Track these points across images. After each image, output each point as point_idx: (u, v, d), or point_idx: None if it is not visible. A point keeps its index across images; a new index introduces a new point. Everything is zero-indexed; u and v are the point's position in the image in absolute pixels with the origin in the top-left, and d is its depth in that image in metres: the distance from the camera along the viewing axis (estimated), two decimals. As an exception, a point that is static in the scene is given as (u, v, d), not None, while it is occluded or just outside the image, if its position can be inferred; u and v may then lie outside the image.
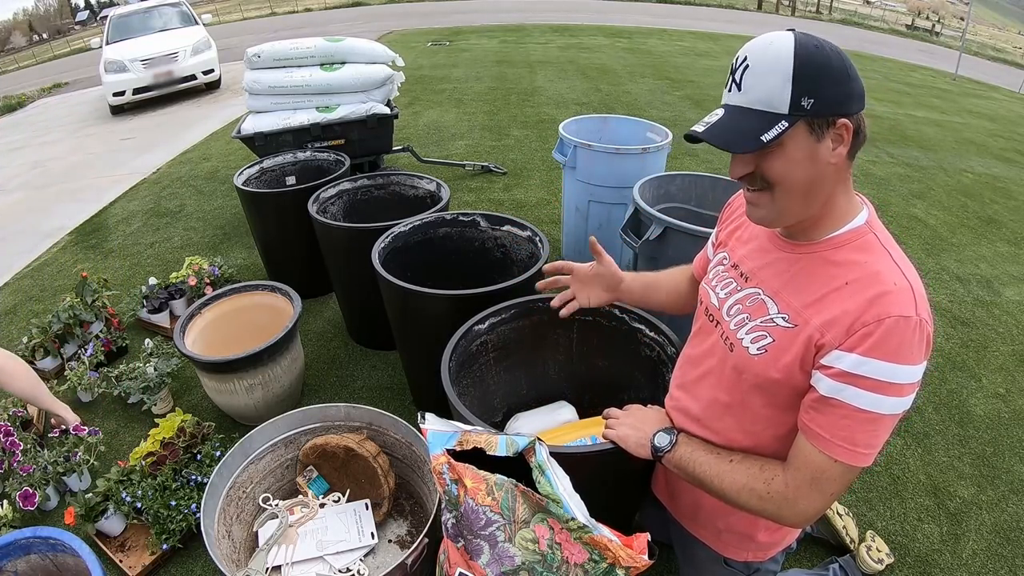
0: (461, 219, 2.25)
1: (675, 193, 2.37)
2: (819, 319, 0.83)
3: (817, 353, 0.83)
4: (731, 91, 0.82)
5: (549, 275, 1.39)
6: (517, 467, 1.01)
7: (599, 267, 1.32)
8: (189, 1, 9.19)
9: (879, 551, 1.70)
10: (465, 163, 4.61)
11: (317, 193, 2.58)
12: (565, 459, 1.05)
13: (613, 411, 1.17)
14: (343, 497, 1.72)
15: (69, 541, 1.31)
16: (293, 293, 2.26)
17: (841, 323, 0.80)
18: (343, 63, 3.68)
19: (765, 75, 0.78)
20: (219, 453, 1.88)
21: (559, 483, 0.98)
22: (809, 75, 0.75)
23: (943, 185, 4.83)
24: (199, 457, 1.92)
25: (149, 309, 2.78)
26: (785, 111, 0.77)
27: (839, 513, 1.78)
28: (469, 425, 1.12)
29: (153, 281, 2.94)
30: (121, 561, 1.71)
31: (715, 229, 1.15)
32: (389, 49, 3.87)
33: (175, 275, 2.95)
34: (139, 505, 1.74)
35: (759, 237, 0.98)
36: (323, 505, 1.70)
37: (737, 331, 0.95)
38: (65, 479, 1.95)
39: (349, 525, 1.64)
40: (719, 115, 0.82)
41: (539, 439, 1.03)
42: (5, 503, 1.83)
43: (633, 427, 1.10)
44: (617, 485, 1.28)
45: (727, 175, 1.01)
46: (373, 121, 3.63)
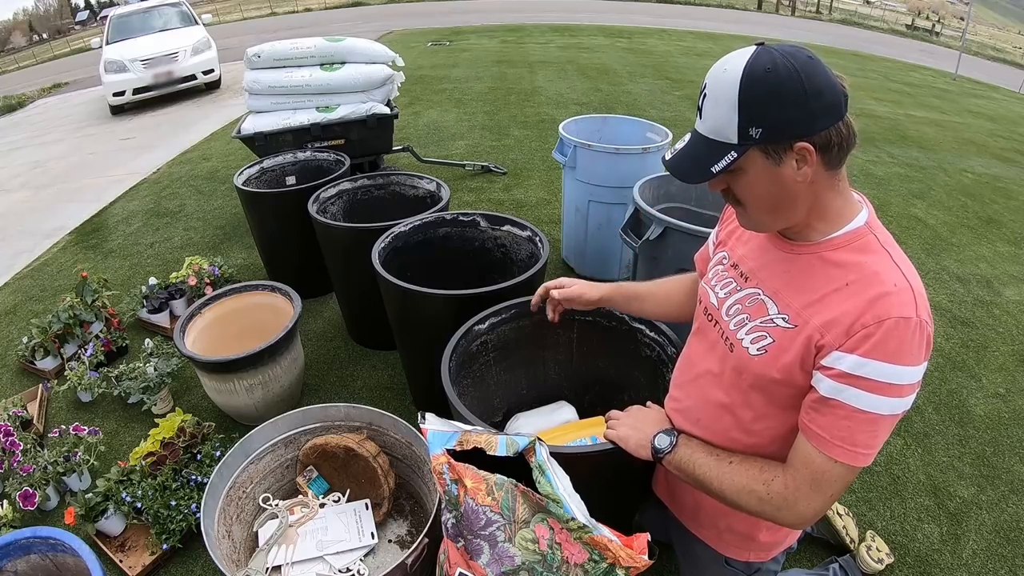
0: (461, 219, 2.26)
1: (675, 193, 2.37)
2: (819, 320, 0.83)
3: (817, 354, 0.83)
4: (697, 117, 0.84)
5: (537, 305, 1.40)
6: (517, 467, 1.01)
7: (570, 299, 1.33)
8: (189, 1, 9.19)
9: (879, 551, 1.70)
10: (465, 163, 4.61)
11: (317, 193, 2.58)
12: (565, 459, 1.05)
13: (614, 412, 1.17)
14: (343, 497, 1.72)
15: (69, 541, 1.31)
16: (293, 293, 2.26)
17: (841, 324, 0.80)
18: (343, 63, 3.68)
19: (717, 104, 0.78)
20: (219, 453, 1.88)
21: (559, 483, 0.98)
22: (757, 102, 0.74)
23: (943, 185, 4.83)
24: (199, 457, 1.92)
25: (149, 309, 2.79)
26: (734, 141, 0.77)
27: (839, 513, 1.78)
28: (469, 425, 1.12)
29: (153, 281, 2.94)
30: (121, 561, 1.71)
31: (716, 228, 1.15)
32: (389, 49, 3.87)
33: (175, 275, 2.95)
34: (139, 505, 1.74)
35: (758, 236, 0.98)
36: (323, 505, 1.70)
37: (737, 331, 0.95)
38: (65, 479, 1.95)
39: (349, 525, 1.64)
40: (686, 141, 0.85)
41: (539, 439, 1.03)
42: (5, 503, 1.84)
43: (634, 428, 1.10)
44: (617, 485, 1.28)
45: None
46: (373, 121, 3.63)
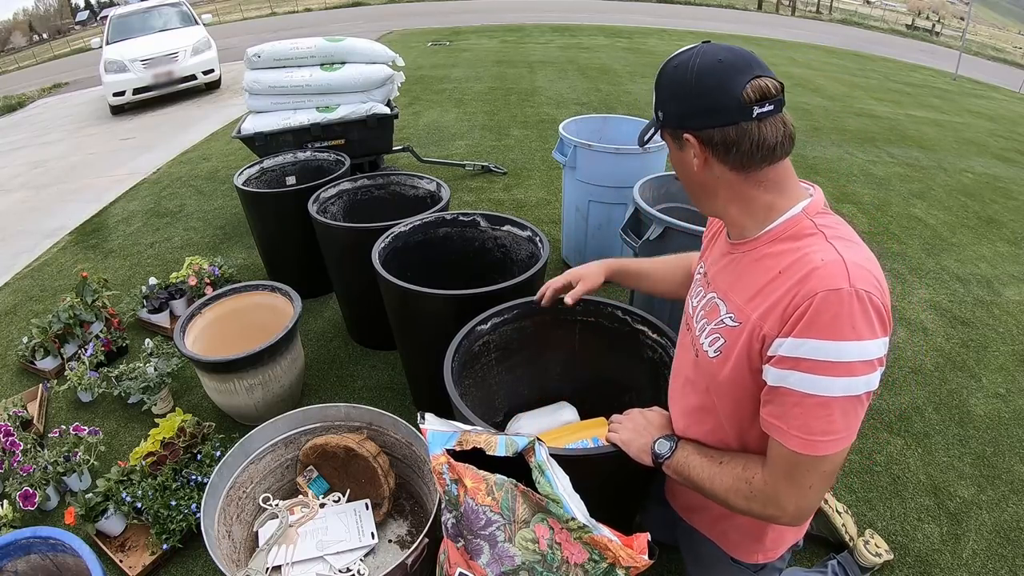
0: (461, 219, 2.26)
1: (675, 193, 2.37)
2: (757, 312, 0.84)
3: (762, 346, 0.84)
4: None
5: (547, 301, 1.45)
6: (517, 467, 1.01)
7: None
8: (189, 1, 9.19)
9: (877, 547, 1.70)
10: (465, 163, 4.61)
11: (317, 193, 2.58)
12: (567, 461, 1.05)
13: (617, 416, 1.18)
14: (343, 497, 1.72)
15: (69, 541, 1.31)
16: (293, 293, 2.26)
17: (776, 311, 0.81)
18: (343, 63, 3.68)
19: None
20: (219, 453, 1.88)
21: (559, 483, 0.98)
22: (660, 89, 0.89)
23: (943, 185, 4.83)
24: (199, 457, 1.92)
25: (149, 309, 2.79)
26: (657, 119, 0.92)
27: (838, 511, 1.79)
28: (469, 425, 1.12)
29: (153, 281, 2.94)
30: (121, 561, 1.71)
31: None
32: (389, 49, 3.87)
33: (175, 275, 2.95)
34: (139, 505, 1.74)
35: (720, 242, 1.01)
36: (323, 505, 1.70)
37: (700, 336, 0.98)
38: (65, 479, 1.95)
39: (349, 525, 1.64)
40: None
41: (539, 439, 1.03)
42: (5, 503, 1.84)
43: (636, 432, 1.10)
44: (618, 487, 1.28)
45: None
46: (373, 121, 3.63)
